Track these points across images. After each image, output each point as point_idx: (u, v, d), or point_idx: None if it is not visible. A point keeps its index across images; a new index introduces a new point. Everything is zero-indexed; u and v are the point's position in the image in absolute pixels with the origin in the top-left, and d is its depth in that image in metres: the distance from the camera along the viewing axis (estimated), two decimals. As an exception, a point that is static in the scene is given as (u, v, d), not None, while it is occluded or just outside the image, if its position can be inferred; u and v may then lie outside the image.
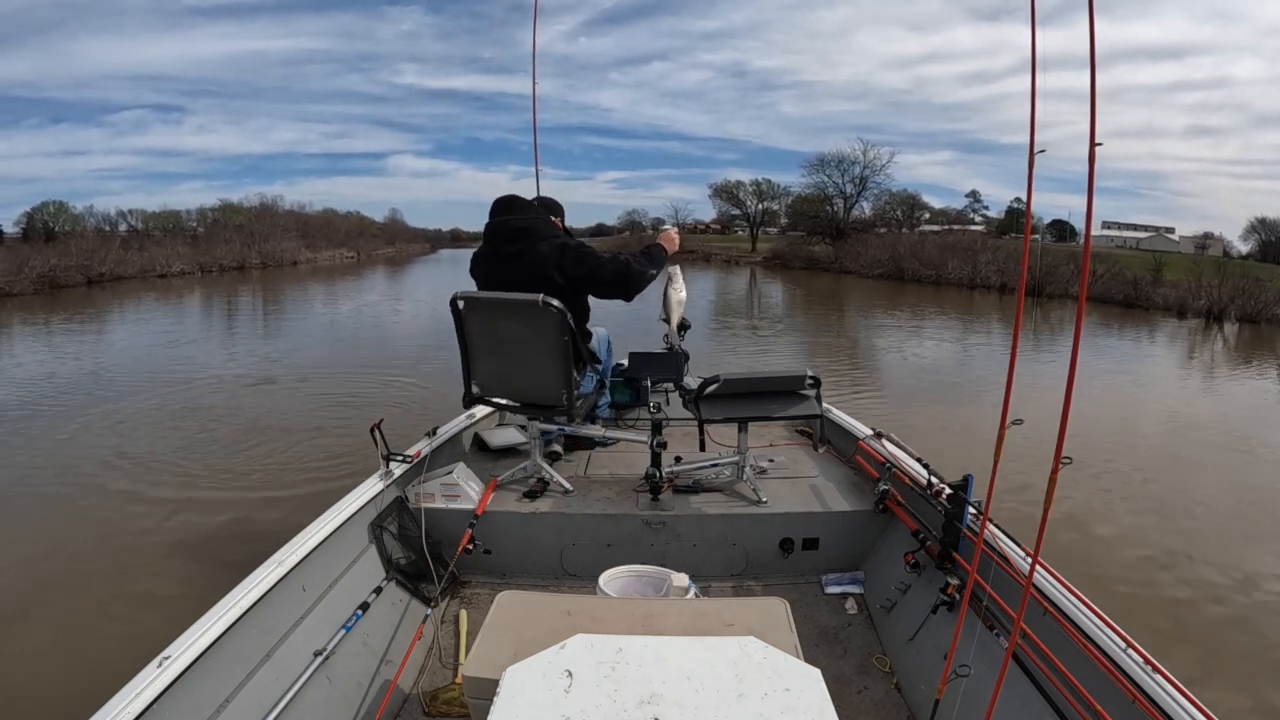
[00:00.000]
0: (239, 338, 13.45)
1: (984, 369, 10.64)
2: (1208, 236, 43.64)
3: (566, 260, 2.78)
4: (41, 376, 9.13)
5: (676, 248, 2.99)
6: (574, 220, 3.25)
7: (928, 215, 47.92)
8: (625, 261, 2.82)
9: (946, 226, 44.83)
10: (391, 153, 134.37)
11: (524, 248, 2.83)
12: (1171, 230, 49.55)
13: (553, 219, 3.03)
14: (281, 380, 9.16)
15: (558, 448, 3.32)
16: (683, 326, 3.73)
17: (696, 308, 18.68)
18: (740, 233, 56.12)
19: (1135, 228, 51.01)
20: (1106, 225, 50.45)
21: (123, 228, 42.28)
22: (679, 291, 3.08)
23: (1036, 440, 2.00)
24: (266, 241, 36.73)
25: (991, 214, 49.62)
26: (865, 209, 45.07)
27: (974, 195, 52.93)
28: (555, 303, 2.61)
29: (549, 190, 3.02)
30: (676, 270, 3.04)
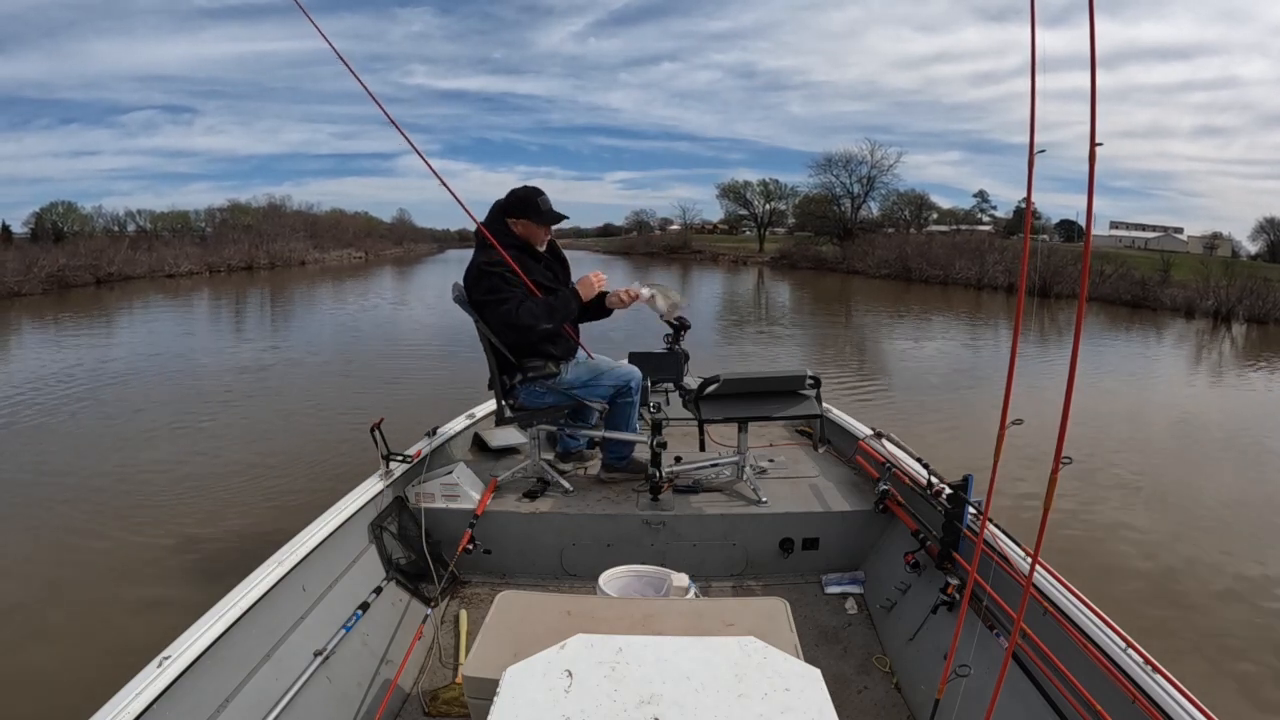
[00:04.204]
0: (245, 339, 13.49)
1: (989, 369, 10.59)
2: (1216, 236, 43.15)
3: (477, 286, 2.81)
4: (44, 375, 9.16)
5: (594, 292, 2.90)
6: (581, 220, 3.19)
7: (935, 215, 47.73)
8: (515, 313, 2.73)
9: (954, 227, 44.59)
10: (400, 153, 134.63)
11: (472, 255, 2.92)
12: (1180, 230, 49.20)
13: (508, 221, 2.87)
14: (282, 380, 9.19)
15: (576, 458, 3.35)
16: (682, 327, 3.73)
17: (702, 308, 18.66)
18: (747, 233, 56.07)
19: (1143, 228, 50.70)
20: (1115, 225, 50.22)
21: (131, 228, 42.50)
22: (669, 298, 3.09)
23: (1041, 439, 1.99)
24: (274, 242, 36.83)
25: (999, 214, 49.54)
26: (873, 209, 45.02)
27: (982, 195, 52.87)
28: (464, 296, 2.83)
29: (553, 191, 2.96)
30: (648, 293, 2.98)
